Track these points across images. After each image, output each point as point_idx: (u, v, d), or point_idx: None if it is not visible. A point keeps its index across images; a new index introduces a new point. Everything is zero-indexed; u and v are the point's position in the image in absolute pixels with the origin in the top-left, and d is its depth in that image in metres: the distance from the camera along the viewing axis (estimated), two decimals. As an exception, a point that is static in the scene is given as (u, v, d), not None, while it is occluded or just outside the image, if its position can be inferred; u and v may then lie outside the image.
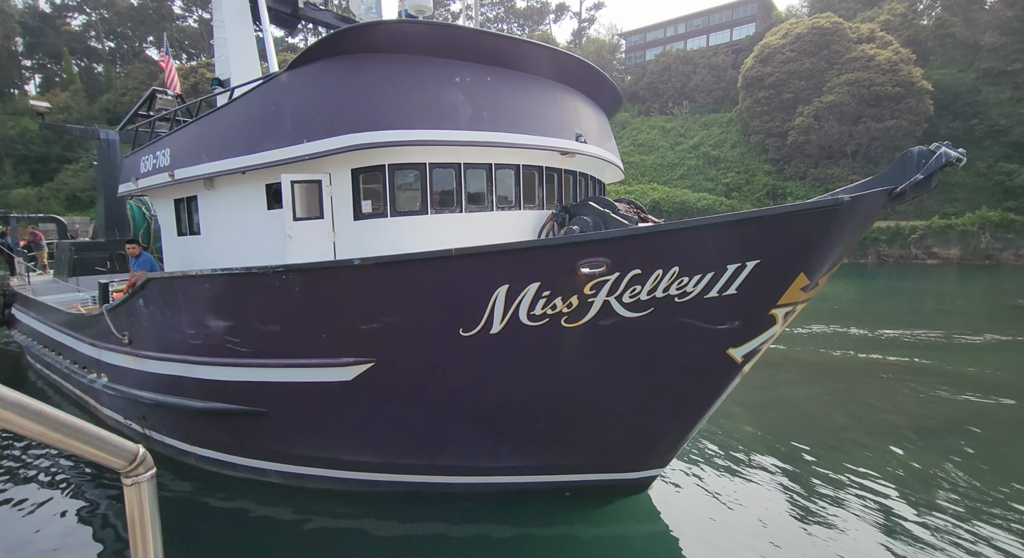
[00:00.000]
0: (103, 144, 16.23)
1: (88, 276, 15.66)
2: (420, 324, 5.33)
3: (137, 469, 1.42)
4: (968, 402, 10.42)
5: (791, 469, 7.63)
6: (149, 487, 1.46)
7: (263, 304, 5.87)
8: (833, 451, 8.21)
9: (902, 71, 46.45)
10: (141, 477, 1.43)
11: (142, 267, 7.98)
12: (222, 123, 7.24)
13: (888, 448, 8.28)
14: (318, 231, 6.47)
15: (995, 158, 45.66)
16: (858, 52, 48.54)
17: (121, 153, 16.64)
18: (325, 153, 6.04)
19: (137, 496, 1.44)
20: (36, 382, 13.35)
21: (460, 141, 6.18)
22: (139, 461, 1.42)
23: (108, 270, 16.19)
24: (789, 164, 52.49)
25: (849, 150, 49.34)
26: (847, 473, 7.48)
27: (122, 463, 1.39)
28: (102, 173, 16.20)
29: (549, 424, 5.87)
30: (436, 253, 4.92)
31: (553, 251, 4.71)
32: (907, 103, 46.54)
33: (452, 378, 5.62)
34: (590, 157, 7.60)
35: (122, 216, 16.62)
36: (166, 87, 16.52)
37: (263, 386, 6.38)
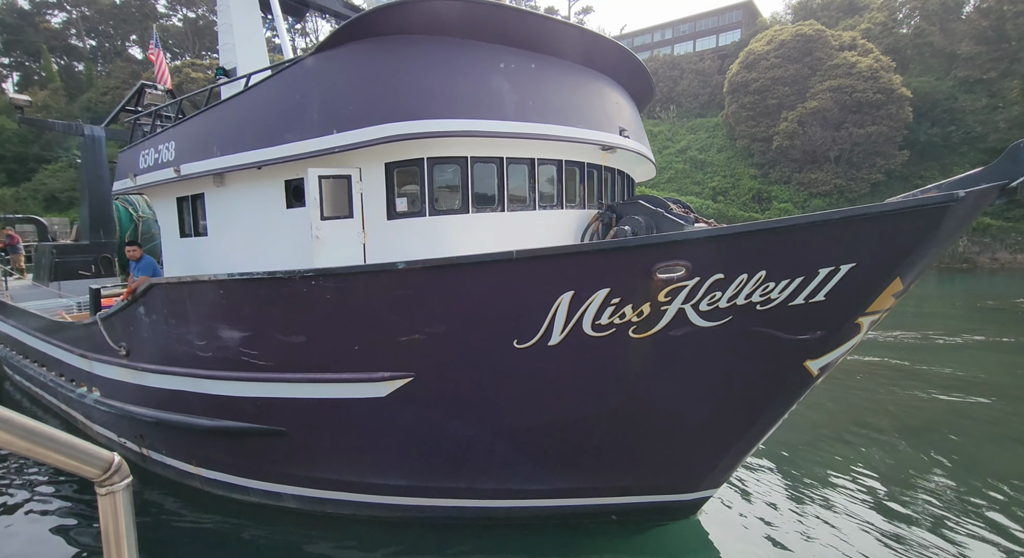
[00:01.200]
0: (87, 141, 15.23)
1: (71, 281, 14.68)
2: (469, 335, 4.71)
3: (112, 478, 1.36)
4: (945, 401, 10.52)
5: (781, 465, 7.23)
6: (124, 496, 1.39)
7: (287, 313, 5.20)
8: (815, 450, 7.98)
9: (882, 78, 46.94)
10: (116, 486, 1.37)
11: (144, 271, 7.23)
12: (236, 113, 6.51)
13: (868, 447, 8.29)
14: (347, 232, 5.80)
15: (972, 164, 46.20)
16: (840, 59, 48.97)
17: (107, 150, 15.68)
18: (358, 145, 5.38)
19: (112, 506, 1.37)
20: (14, 394, 12.36)
21: (507, 132, 5.56)
22: (114, 470, 1.36)
23: (93, 274, 15.22)
24: (774, 168, 52.76)
25: (832, 155, 49.70)
26: (836, 474, 7.33)
27: (96, 472, 1.33)
28: (86, 172, 15.20)
29: (604, 444, 5.29)
30: (495, 256, 4.31)
31: (628, 253, 4.13)
32: (887, 110, 47.02)
33: (501, 394, 5.01)
34: (630, 153, 7.03)
35: (107, 217, 15.67)
36: (155, 81, 15.62)
37: (283, 403, 5.70)
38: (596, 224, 6.45)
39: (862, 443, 8.48)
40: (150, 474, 7.62)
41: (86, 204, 15.42)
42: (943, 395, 10.84)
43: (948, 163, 47.52)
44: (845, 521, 6.28)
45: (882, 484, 7.13)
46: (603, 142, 6.32)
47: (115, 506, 1.37)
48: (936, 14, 51.21)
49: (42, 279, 15.16)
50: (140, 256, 7.44)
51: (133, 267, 7.45)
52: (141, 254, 7.40)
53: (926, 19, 52.05)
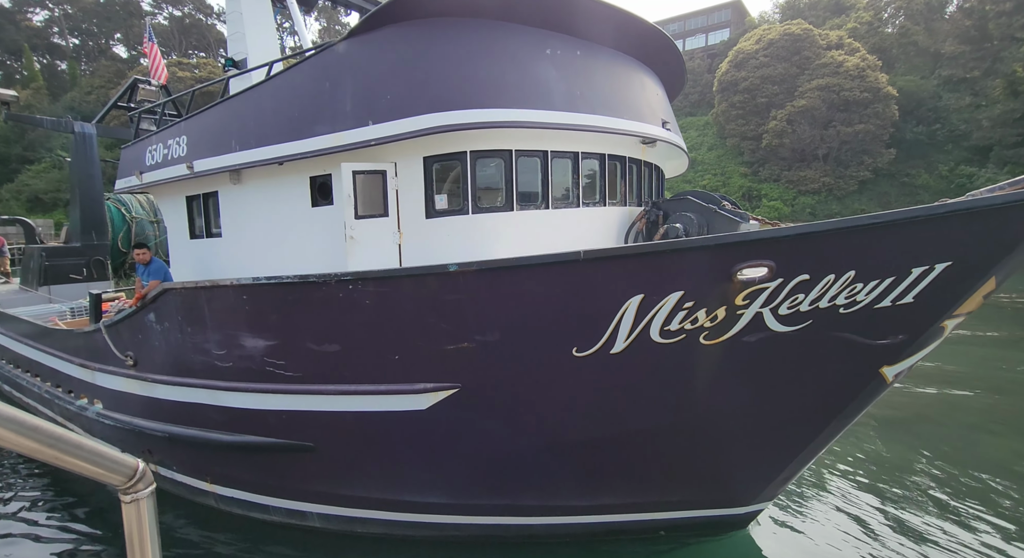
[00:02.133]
0: (78, 138, 14.49)
1: (62, 285, 13.98)
2: (524, 342, 4.29)
3: (136, 485, 1.34)
4: (929, 394, 10.45)
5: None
6: (149, 504, 1.37)
7: (320, 320, 4.74)
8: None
9: (869, 77, 47.25)
10: (141, 494, 1.35)
11: (155, 276, 6.72)
12: (257, 105, 6.00)
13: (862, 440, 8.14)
14: (381, 231, 5.34)
15: (956, 162, 46.85)
16: (827, 58, 49.21)
17: (98, 148, 14.98)
18: (397, 137, 4.92)
19: (136, 514, 1.35)
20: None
21: (558, 124, 5.14)
22: (139, 477, 1.33)
23: (85, 278, 14.53)
24: (764, 166, 52.93)
25: (820, 153, 49.96)
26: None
27: (121, 479, 1.30)
28: (77, 171, 14.45)
29: (660, 457, 4.90)
30: (559, 257, 3.89)
31: (708, 253, 3.73)
32: (874, 108, 47.35)
33: (555, 406, 4.60)
34: (665, 147, 6.63)
35: (100, 218, 14.97)
36: (148, 76, 14.96)
37: (311, 416, 5.24)
38: (641, 222, 6.05)
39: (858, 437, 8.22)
40: (158, 492, 7.07)
41: (77, 205, 14.68)
42: (926, 389, 10.76)
43: (933, 161, 48.00)
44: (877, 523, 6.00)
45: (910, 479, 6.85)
46: (648, 135, 5.93)
47: (139, 513, 1.36)
48: (920, 14, 51.67)
49: (31, 283, 14.41)
50: (150, 259, 6.92)
51: (141, 271, 6.92)
52: (151, 257, 6.88)
53: (911, 18, 52.51)
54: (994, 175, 42.77)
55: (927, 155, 48.76)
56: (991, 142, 44.55)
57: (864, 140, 48.02)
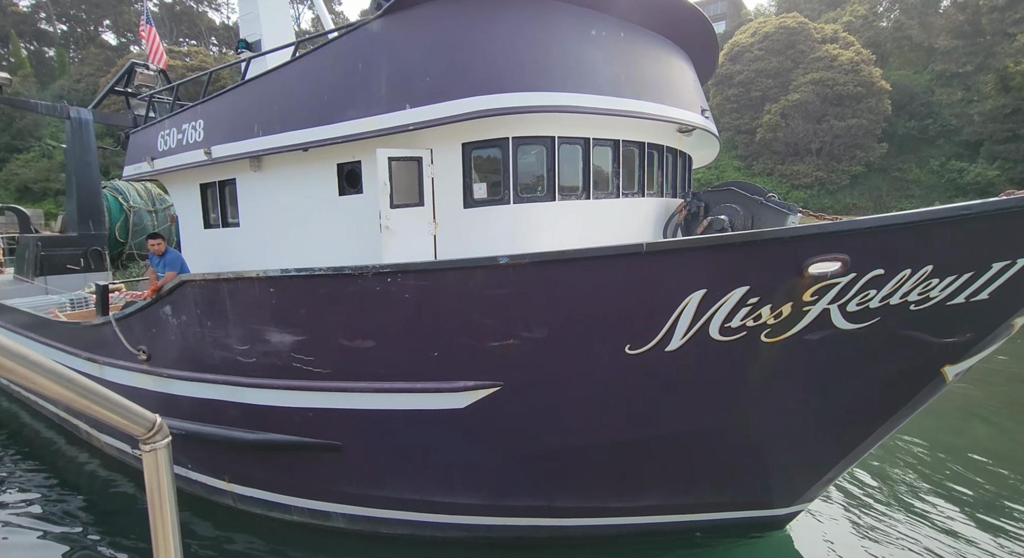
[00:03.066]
0: (74, 124, 13.95)
1: (58, 275, 13.53)
2: (575, 339, 4.05)
3: (155, 437, 1.49)
4: (983, 389, 10.12)
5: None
6: (165, 454, 1.52)
7: (354, 314, 4.46)
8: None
9: (863, 71, 47.12)
10: (158, 444, 1.50)
11: (172, 267, 6.37)
12: (282, 87, 5.64)
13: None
14: (417, 221, 5.05)
15: (947, 156, 46.98)
16: (822, 52, 48.99)
17: (95, 134, 14.47)
18: (437, 121, 4.62)
19: (154, 462, 1.50)
20: (8, 408, 11.21)
21: (606, 109, 4.86)
22: (156, 429, 1.50)
23: (82, 269, 14.08)
24: (757, 160, 52.81)
25: (814, 147, 49.90)
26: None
27: (141, 430, 1.47)
28: (73, 158, 13.92)
29: (706, 458, 4.70)
30: (620, 249, 3.64)
31: (780, 246, 3.49)
32: (867, 103, 47.27)
33: (601, 405, 4.36)
34: (706, 134, 6.37)
35: (97, 207, 14.48)
36: (146, 61, 14.44)
37: (339, 415, 4.97)
38: (681, 214, 5.78)
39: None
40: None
41: (73, 193, 14.16)
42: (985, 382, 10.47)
43: (925, 156, 48.11)
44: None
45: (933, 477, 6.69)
46: (689, 122, 5.66)
47: (157, 462, 1.49)
48: (915, 8, 51.63)
49: (26, 274, 13.92)
50: (165, 250, 6.56)
51: (156, 262, 6.56)
52: (166, 247, 6.53)
53: (905, 13, 52.46)
54: (984, 170, 43.04)
55: (918, 150, 48.87)
56: (982, 137, 44.73)
57: (857, 134, 48.00)
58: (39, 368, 1.17)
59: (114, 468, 7.59)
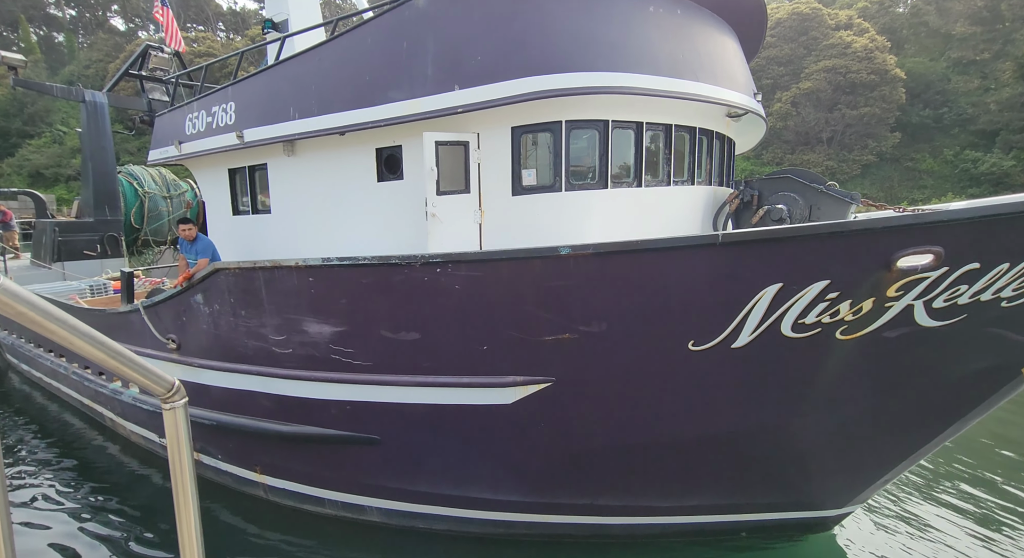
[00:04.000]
0: (88, 108, 13.67)
1: (75, 261, 13.36)
2: (635, 334, 3.81)
3: (174, 397, 1.68)
4: None
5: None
6: (182, 413, 1.71)
7: (400, 306, 4.23)
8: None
9: (877, 59, 46.14)
10: (177, 403, 1.69)
11: (204, 254, 6.14)
12: (319, 68, 5.33)
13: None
14: (462, 209, 4.80)
15: (961, 146, 46.10)
16: (835, 39, 47.99)
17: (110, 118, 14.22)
18: (491, 103, 4.33)
19: (174, 419, 1.68)
20: (21, 387, 11.10)
21: (665, 92, 4.56)
22: (175, 390, 1.68)
23: (99, 254, 13.91)
24: (767, 149, 52.00)
25: (825, 136, 49.10)
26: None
27: (162, 391, 1.63)
28: (89, 142, 13.67)
29: (761, 458, 4.47)
30: (693, 240, 3.39)
31: (869, 238, 3.23)
32: (881, 91, 46.35)
33: (657, 402, 4.14)
34: (754, 118, 6.04)
35: (112, 193, 14.26)
36: (163, 43, 14.14)
37: (379, 408, 4.77)
38: (734, 203, 5.48)
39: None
40: (203, 481, 6.66)
41: (89, 178, 13.94)
42: None
43: (939, 145, 47.26)
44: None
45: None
46: (743, 106, 5.35)
47: (176, 419, 1.69)
48: (932, -6, 50.42)
49: (44, 259, 13.77)
50: (196, 236, 6.31)
51: (187, 248, 6.32)
52: (196, 233, 6.29)
53: (922, -1, 51.26)
54: (999, 160, 42.23)
55: (932, 139, 47.98)
56: (998, 126, 43.84)
57: (869, 123, 47.14)
58: (77, 331, 1.32)
59: (140, 456, 7.47)
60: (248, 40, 59.13)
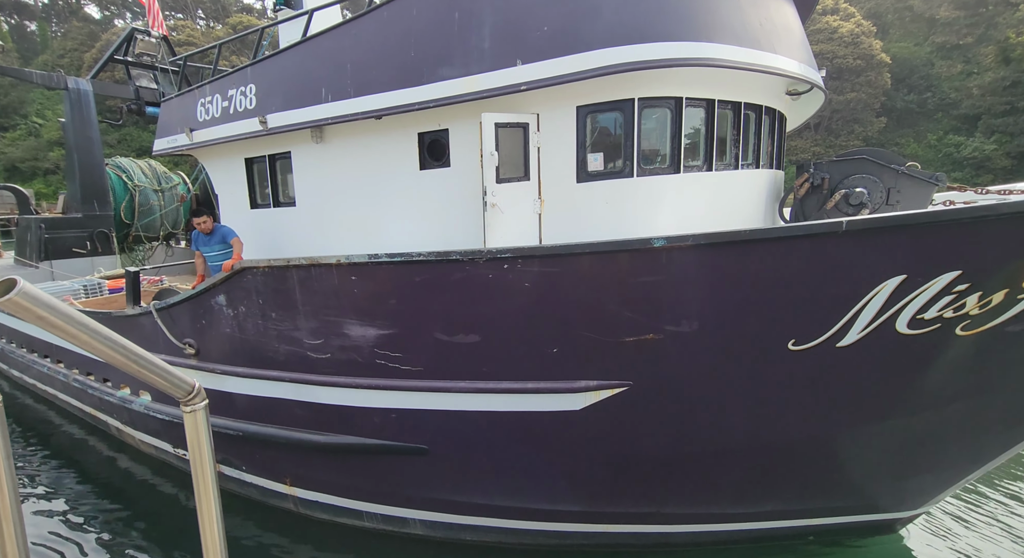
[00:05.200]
0: (72, 96, 12.79)
1: (64, 260, 12.59)
2: (730, 333, 3.42)
3: (194, 399, 1.68)
4: None
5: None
6: (203, 415, 1.72)
7: (459, 305, 3.79)
8: None
9: (863, 44, 46.08)
10: (197, 406, 1.70)
11: (232, 236, 5.51)
12: (355, 44, 4.79)
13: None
14: (522, 197, 4.33)
15: (945, 131, 46.45)
16: (822, 24, 47.78)
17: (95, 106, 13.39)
18: (562, 79, 3.84)
19: (194, 421, 1.70)
20: (12, 394, 10.37)
21: (753, 65, 4.11)
22: (196, 393, 1.68)
23: (88, 252, 13.14)
24: (756, 135, 51.99)
25: (812, 122, 48.91)
26: None
27: (182, 394, 1.65)
28: (74, 133, 12.81)
29: (849, 462, 4.14)
30: (813, 228, 2.98)
31: (1015, 222, 2.85)
32: (867, 76, 46.38)
33: (744, 406, 3.77)
34: (809, 95, 5.61)
35: (101, 187, 13.47)
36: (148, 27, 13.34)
37: (428, 416, 4.35)
38: (804, 187, 5.07)
39: None
40: (225, 494, 6.17)
41: (75, 171, 13.10)
42: None
43: (923, 130, 47.54)
44: None
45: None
46: (816, 82, 4.93)
47: (196, 422, 1.70)
48: (917, -22, 50.40)
49: (30, 257, 12.94)
50: (213, 228, 5.73)
51: (204, 243, 5.71)
52: (213, 225, 5.71)
53: (907, -17, 51.23)
54: (981, 144, 42.61)
55: (916, 124, 48.24)
56: (980, 111, 44.16)
57: (855, 109, 47.22)
58: (98, 335, 1.34)
59: (153, 467, 6.96)
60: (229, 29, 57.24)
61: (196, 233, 5.72)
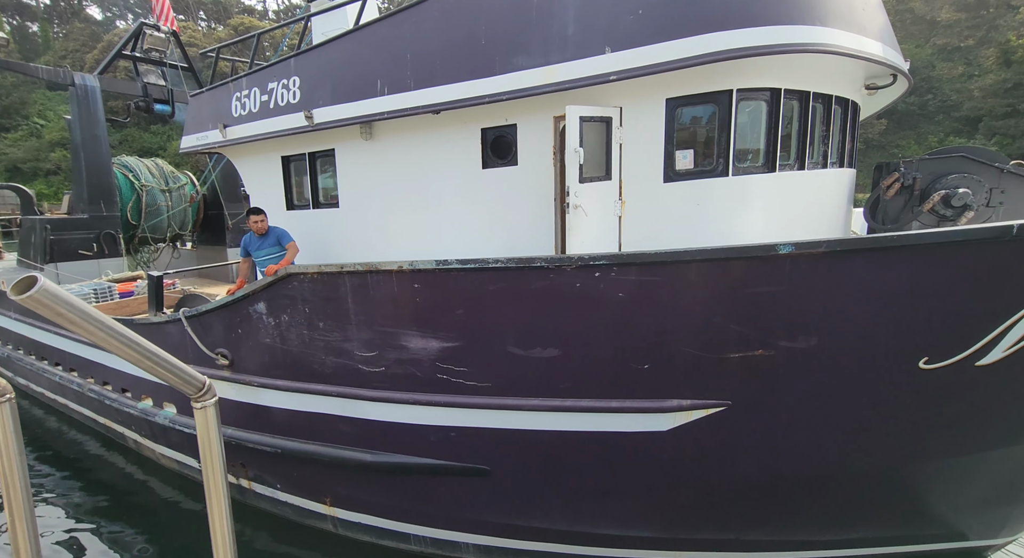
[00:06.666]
0: (79, 92, 12.27)
1: (70, 262, 12.09)
2: (853, 349, 3.02)
3: (204, 396, 1.81)
4: None
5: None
6: (213, 411, 1.85)
7: (538, 316, 3.39)
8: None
9: (865, 46, 45.98)
10: (208, 402, 1.82)
11: (287, 240, 5.01)
12: (417, 31, 4.36)
13: None
14: (603, 198, 3.92)
15: (946, 133, 46.22)
16: (825, 27, 47.70)
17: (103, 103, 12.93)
18: (660, 67, 3.41)
19: (204, 417, 1.82)
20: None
21: (863, 53, 3.72)
22: (206, 389, 1.80)
23: (95, 254, 12.64)
24: (758, 136, 51.79)
25: (814, 123, 48.93)
26: None
27: (193, 390, 1.76)
28: (80, 131, 12.29)
29: (962, 487, 3.75)
30: (974, 233, 2.59)
31: None
32: (868, 78, 46.28)
33: (858, 429, 3.37)
34: (901, 86, 5.20)
35: (108, 186, 12.98)
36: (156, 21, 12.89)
37: (493, 435, 3.94)
38: (894, 187, 4.65)
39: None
40: (250, 510, 5.77)
41: (81, 170, 12.59)
42: None
43: (924, 132, 47.30)
44: None
45: None
46: (907, 75, 4.53)
47: (207, 417, 1.83)
48: (918, -19, 50.27)
49: (34, 259, 12.41)
50: (268, 229, 5.19)
51: (257, 245, 5.14)
52: (267, 226, 5.24)
53: (907, -15, 51.09)
54: (982, 146, 42.45)
55: (917, 126, 48.03)
56: (981, 113, 43.98)
57: (858, 110, 47.07)
58: (112, 331, 1.47)
59: (176, 483, 6.53)
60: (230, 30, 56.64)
61: (247, 236, 5.21)
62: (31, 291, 1.35)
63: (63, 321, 1.35)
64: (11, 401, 2.51)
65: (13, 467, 2.46)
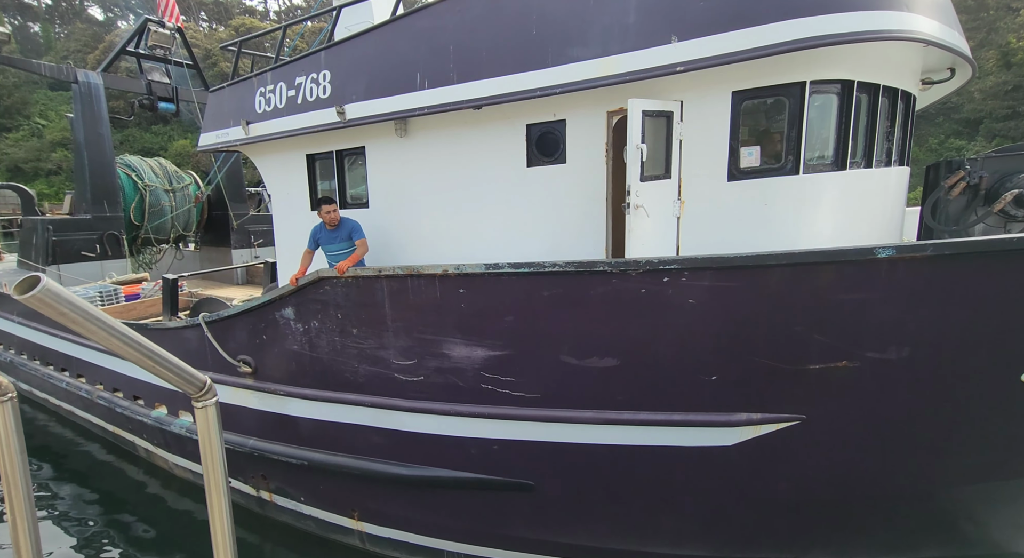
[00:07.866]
0: (82, 90, 11.98)
1: (73, 263, 11.77)
2: (946, 362, 2.77)
3: (205, 396, 1.78)
4: None
5: None
6: (213, 410, 1.80)
7: (597, 324, 3.13)
8: None
9: (866, 49, 45.86)
10: (208, 402, 1.80)
11: (359, 234, 4.57)
12: (461, 21, 4.10)
13: None
14: (663, 198, 3.67)
15: (946, 135, 46.15)
16: (825, 29, 47.57)
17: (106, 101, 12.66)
18: (735, 57, 3.14)
19: (205, 417, 1.80)
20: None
21: (949, 44, 3.49)
22: (207, 389, 1.77)
23: (98, 255, 12.34)
24: (758, 138, 51.64)
25: (815, 125, 48.79)
26: None
27: (194, 390, 1.74)
28: (84, 129, 11.99)
29: None
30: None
31: None
32: (869, 80, 46.15)
33: (943, 446, 3.12)
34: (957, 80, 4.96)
35: (111, 186, 12.69)
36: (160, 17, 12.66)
37: (540, 448, 3.69)
38: (959, 186, 4.40)
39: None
40: (269, 522, 5.50)
41: (84, 170, 12.28)
42: None
43: (924, 134, 47.17)
44: None
45: None
46: (972, 63, 4.28)
47: (207, 417, 1.80)
48: (917, -15, 50.21)
49: (36, 261, 12.05)
50: (340, 221, 4.79)
51: (329, 238, 4.80)
52: (340, 217, 4.80)
53: (907, -10, 51.07)
54: (983, 148, 42.33)
55: (918, 127, 47.53)
56: (981, 115, 43.92)
57: (858, 112, 46.95)
58: (114, 330, 1.45)
59: (186, 491, 6.25)
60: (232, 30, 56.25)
61: (317, 227, 4.86)
62: (34, 291, 1.35)
63: (66, 321, 1.34)
64: (13, 400, 2.53)
65: (14, 465, 2.49)
